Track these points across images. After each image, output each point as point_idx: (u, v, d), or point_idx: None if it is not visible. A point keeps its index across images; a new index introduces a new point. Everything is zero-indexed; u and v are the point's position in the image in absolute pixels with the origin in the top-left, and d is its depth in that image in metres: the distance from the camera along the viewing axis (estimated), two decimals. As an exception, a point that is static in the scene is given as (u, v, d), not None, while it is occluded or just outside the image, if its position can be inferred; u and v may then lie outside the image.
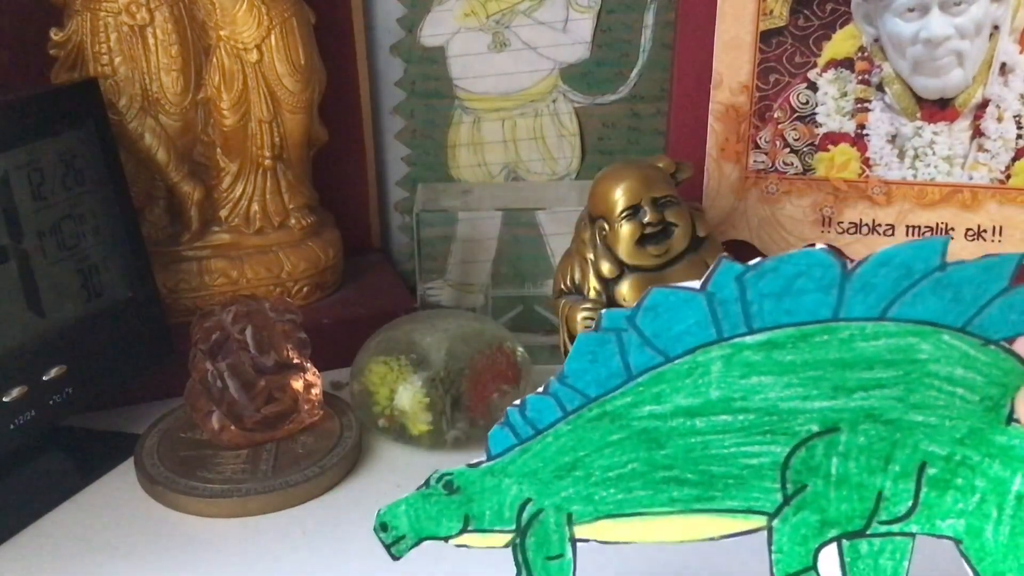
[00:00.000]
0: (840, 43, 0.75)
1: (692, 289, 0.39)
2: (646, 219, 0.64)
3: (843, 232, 0.78)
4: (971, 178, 0.75)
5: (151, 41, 0.72)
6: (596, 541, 0.45)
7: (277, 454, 0.66)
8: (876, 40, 0.75)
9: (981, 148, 0.75)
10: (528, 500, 0.45)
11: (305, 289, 0.80)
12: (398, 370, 0.67)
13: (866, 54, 0.75)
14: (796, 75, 0.76)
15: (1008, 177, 0.75)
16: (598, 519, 0.45)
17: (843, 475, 0.42)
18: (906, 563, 0.44)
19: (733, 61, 0.76)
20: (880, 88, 0.75)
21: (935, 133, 0.75)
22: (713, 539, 0.45)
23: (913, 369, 0.40)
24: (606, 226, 0.66)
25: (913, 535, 0.44)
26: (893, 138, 0.76)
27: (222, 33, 0.73)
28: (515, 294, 0.80)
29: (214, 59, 0.74)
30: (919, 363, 0.40)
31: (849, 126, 0.76)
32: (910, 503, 0.43)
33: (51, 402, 0.64)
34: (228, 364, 0.65)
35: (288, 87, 0.75)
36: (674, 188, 0.66)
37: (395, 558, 0.46)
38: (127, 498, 0.64)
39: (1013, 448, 0.41)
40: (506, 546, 0.46)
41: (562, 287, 0.68)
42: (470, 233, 0.80)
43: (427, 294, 0.81)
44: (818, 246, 0.38)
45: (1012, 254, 0.38)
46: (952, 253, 0.38)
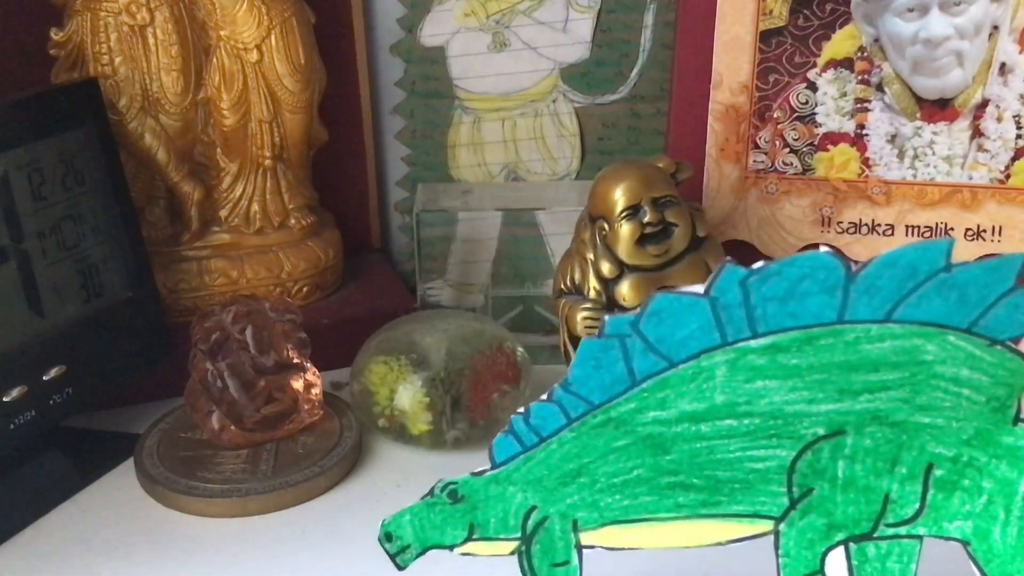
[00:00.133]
0: (840, 43, 0.75)
1: (696, 294, 0.39)
2: (646, 219, 0.64)
3: (843, 232, 0.78)
4: (971, 178, 0.76)
5: (151, 41, 0.72)
6: (602, 548, 0.45)
7: (277, 454, 0.66)
8: (876, 40, 0.75)
9: (981, 148, 0.75)
10: (533, 507, 0.45)
11: (305, 289, 0.80)
12: (398, 370, 0.67)
13: (866, 54, 0.75)
14: (796, 75, 0.76)
15: (1008, 177, 0.75)
16: (604, 526, 0.45)
17: (850, 478, 0.42)
18: (914, 566, 0.44)
19: (733, 61, 0.76)
20: (880, 88, 0.75)
21: (935, 133, 0.75)
22: (720, 544, 0.45)
23: (919, 371, 0.40)
24: (606, 226, 0.66)
25: (920, 537, 0.44)
26: (893, 138, 0.76)
27: (222, 33, 0.73)
28: (515, 294, 0.80)
29: (214, 59, 0.74)
30: (925, 364, 0.40)
31: (849, 126, 0.76)
32: (917, 505, 0.43)
33: (51, 402, 0.64)
34: (228, 364, 0.65)
35: (288, 87, 0.75)
36: (674, 188, 0.66)
37: (400, 568, 0.46)
38: (127, 498, 0.64)
39: (1020, 449, 0.41)
40: (511, 554, 0.46)
41: (562, 287, 0.68)
42: (470, 233, 0.79)
43: (427, 294, 0.81)
44: (822, 248, 0.38)
45: (1017, 254, 0.38)
46: (952, 254, 0.38)
